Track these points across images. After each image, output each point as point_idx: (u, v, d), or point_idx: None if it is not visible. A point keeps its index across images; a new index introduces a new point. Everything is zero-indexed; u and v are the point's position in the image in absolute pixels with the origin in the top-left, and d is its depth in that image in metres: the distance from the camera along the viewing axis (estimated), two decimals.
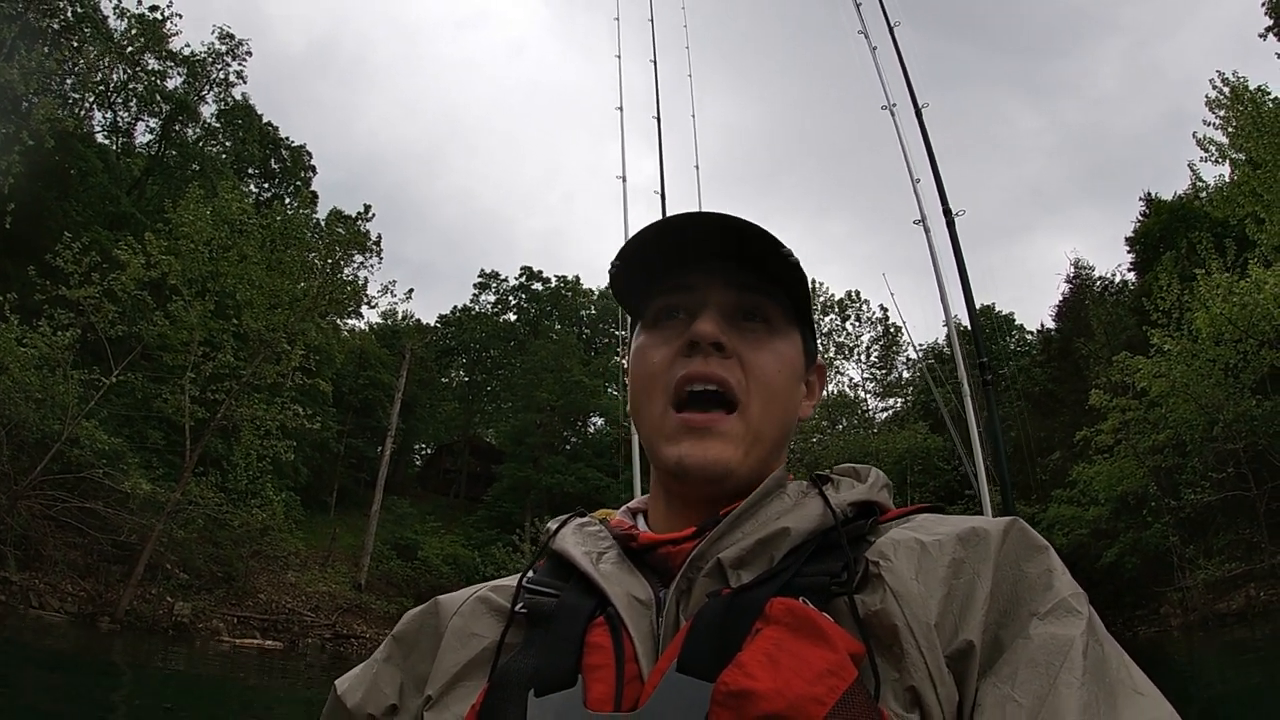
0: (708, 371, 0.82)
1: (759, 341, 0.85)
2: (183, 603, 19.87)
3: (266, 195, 33.91)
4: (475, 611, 0.84)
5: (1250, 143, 17.24)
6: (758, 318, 0.86)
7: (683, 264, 0.87)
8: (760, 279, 0.86)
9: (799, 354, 0.89)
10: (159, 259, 18.74)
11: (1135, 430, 21.11)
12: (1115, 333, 27.50)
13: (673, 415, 0.83)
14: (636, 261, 0.88)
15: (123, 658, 15.49)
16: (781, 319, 0.88)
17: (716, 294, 0.86)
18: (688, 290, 0.87)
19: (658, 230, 0.85)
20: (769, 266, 0.85)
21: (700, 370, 0.82)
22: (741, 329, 0.85)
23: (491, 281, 51.80)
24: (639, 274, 0.89)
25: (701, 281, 0.86)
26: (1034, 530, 0.74)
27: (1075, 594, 0.68)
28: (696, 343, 0.83)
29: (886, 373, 42.72)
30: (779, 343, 0.86)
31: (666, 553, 0.79)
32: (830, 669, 0.60)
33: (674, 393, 0.83)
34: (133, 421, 21.26)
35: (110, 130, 30.04)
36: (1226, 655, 16.10)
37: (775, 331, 0.87)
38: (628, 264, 0.88)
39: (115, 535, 18.48)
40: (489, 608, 0.84)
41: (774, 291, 0.87)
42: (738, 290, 0.86)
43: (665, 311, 0.88)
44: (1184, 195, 28.40)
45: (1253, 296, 15.37)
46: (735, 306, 0.86)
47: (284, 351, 20.50)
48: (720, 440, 0.81)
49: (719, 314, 0.85)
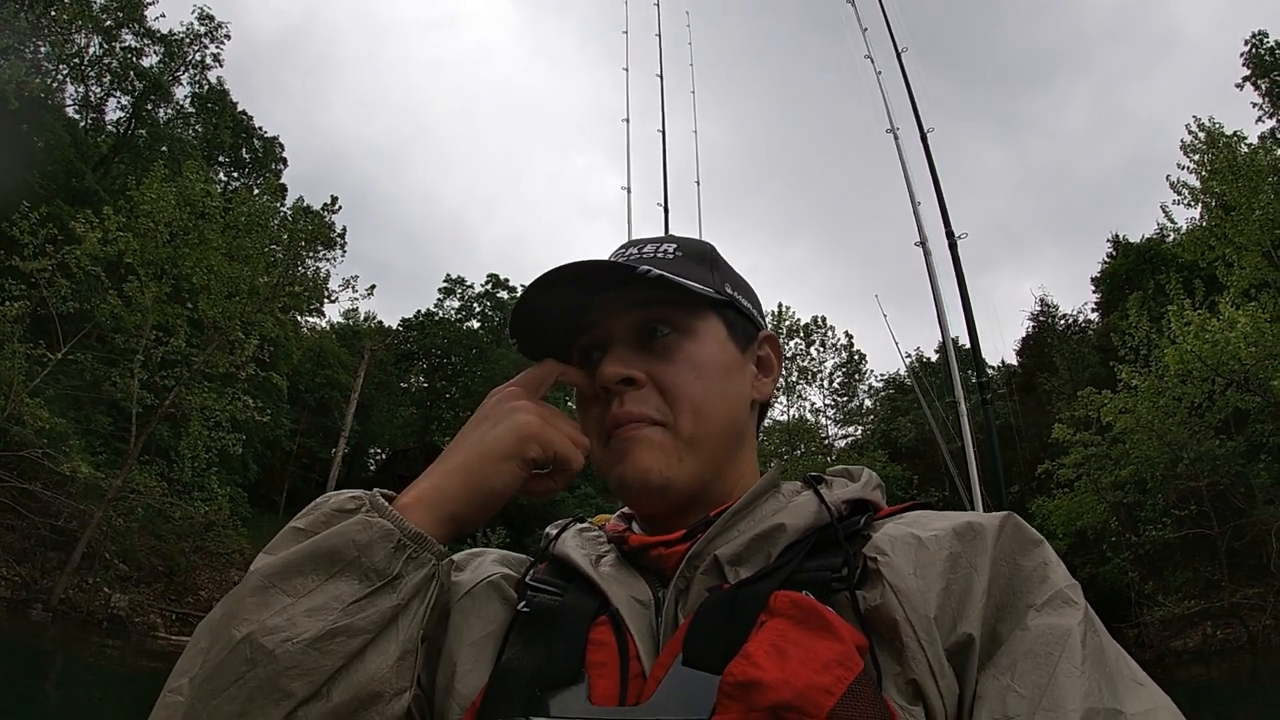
0: (623, 413, 0.83)
1: (670, 353, 0.85)
2: (120, 595, 19.20)
3: (236, 184, 33.22)
4: (486, 596, 0.84)
5: (1225, 185, 17.61)
6: (665, 326, 0.85)
7: (586, 305, 0.88)
8: (655, 288, 0.83)
9: (722, 343, 0.88)
10: (116, 235, 18.16)
11: (1096, 466, 21.29)
12: (1079, 369, 27.90)
13: (607, 448, 0.85)
14: (538, 320, 0.88)
15: (54, 647, 14.97)
16: (692, 317, 0.86)
17: (617, 324, 0.86)
18: (593, 327, 0.88)
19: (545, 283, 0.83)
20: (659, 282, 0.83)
21: (616, 414, 0.83)
22: (651, 347, 0.85)
23: (457, 287, 51.21)
24: (545, 324, 0.90)
25: (601, 316, 0.87)
26: (1028, 524, 0.74)
27: (1071, 585, 0.69)
28: (607, 388, 0.84)
29: (848, 400, 42.94)
30: (693, 345, 0.85)
31: (660, 554, 0.79)
32: (837, 659, 0.60)
33: (605, 436, 0.85)
34: (80, 404, 20.49)
35: (81, 105, 29.31)
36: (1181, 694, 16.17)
37: (687, 333, 0.86)
38: (527, 316, 0.88)
39: (54, 520, 17.81)
40: (499, 595, 0.84)
41: (674, 295, 0.85)
42: (637, 308, 0.86)
43: (584, 354, 0.89)
44: (1152, 238, 29.12)
45: (1224, 334, 15.60)
46: (638, 327, 0.86)
47: (238, 340, 19.90)
48: (647, 448, 0.82)
49: (623, 346, 0.85)
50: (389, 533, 0.70)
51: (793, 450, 36.83)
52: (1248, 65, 24.13)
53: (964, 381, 7.57)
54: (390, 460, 49.48)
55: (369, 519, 0.70)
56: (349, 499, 0.73)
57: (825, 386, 42.31)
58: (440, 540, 0.74)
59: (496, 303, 50.94)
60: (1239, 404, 18.00)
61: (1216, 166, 18.03)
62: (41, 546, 17.85)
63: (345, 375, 37.33)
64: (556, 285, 0.83)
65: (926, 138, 7.93)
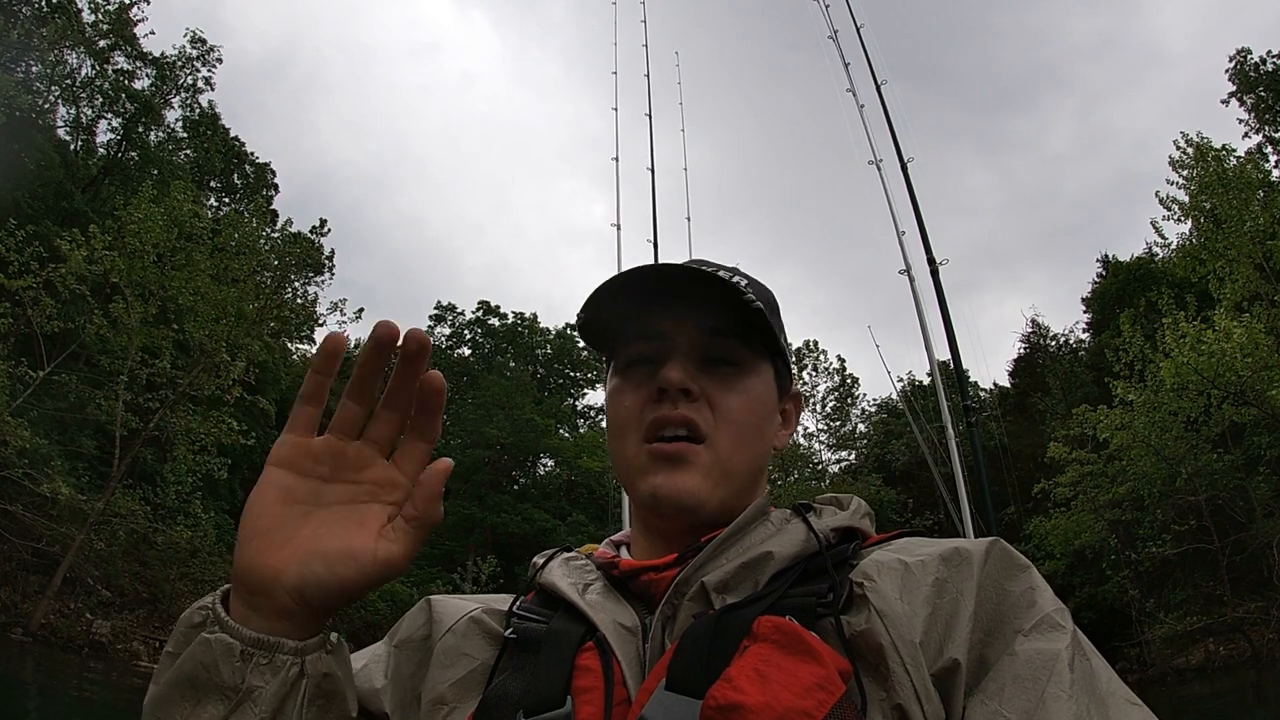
0: (675, 415, 0.84)
1: (727, 383, 0.87)
2: (102, 621, 18.75)
3: (227, 209, 33.15)
4: (468, 632, 0.84)
5: (1215, 199, 17.70)
6: (728, 361, 0.88)
7: (652, 311, 0.88)
8: (728, 322, 0.87)
9: (770, 389, 0.91)
10: (102, 255, 17.98)
11: (1093, 484, 21.17)
12: (1072, 388, 27.89)
13: (645, 448, 0.85)
14: (606, 309, 0.89)
15: (33, 673, 14.64)
16: (752, 357, 0.89)
17: (685, 340, 0.87)
18: (659, 337, 0.88)
19: (629, 280, 0.86)
20: (736, 311, 0.86)
21: (668, 414, 0.84)
22: (711, 373, 0.87)
23: (447, 314, 51.12)
24: (610, 319, 0.91)
25: (671, 329, 0.88)
26: (1015, 550, 0.74)
27: (1058, 609, 0.69)
28: (665, 389, 0.84)
29: (841, 424, 42.83)
30: (749, 381, 0.88)
31: (649, 580, 0.80)
32: (819, 683, 0.60)
33: (646, 434, 0.85)
34: (65, 426, 20.19)
35: (72, 126, 29.30)
36: (1183, 712, 15.99)
37: (745, 371, 0.88)
38: (598, 310, 0.90)
39: (35, 543, 17.43)
40: (481, 630, 0.84)
41: (744, 332, 0.88)
42: (707, 335, 0.87)
43: (637, 358, 0.90)
44: (1142, 257, 29.29)
45: (1221, 345, 15.57)
46: (704, 351, 0.87)
47: (224, 363, 19.69)
48: (690, 471, 0.83)
49: (687, 360, 0.86)
50: (229, 647, 0.64)
51: (786, 475, 36.66)
52: (1233, 81, 24.43)
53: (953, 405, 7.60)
54: None
55: (208, 636, 0.65)
56: (197, 610, 0.68)
57: (818, 411, 42.22)
58: (299, 634, 0.67)
59: (487, 330, 50.82)
60: (1235, 418, 17.92)
61: (1206, 180, 18.15)
62: (22, 569, 17.48)
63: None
64: (637, 286, 0.86)
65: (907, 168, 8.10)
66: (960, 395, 7.24)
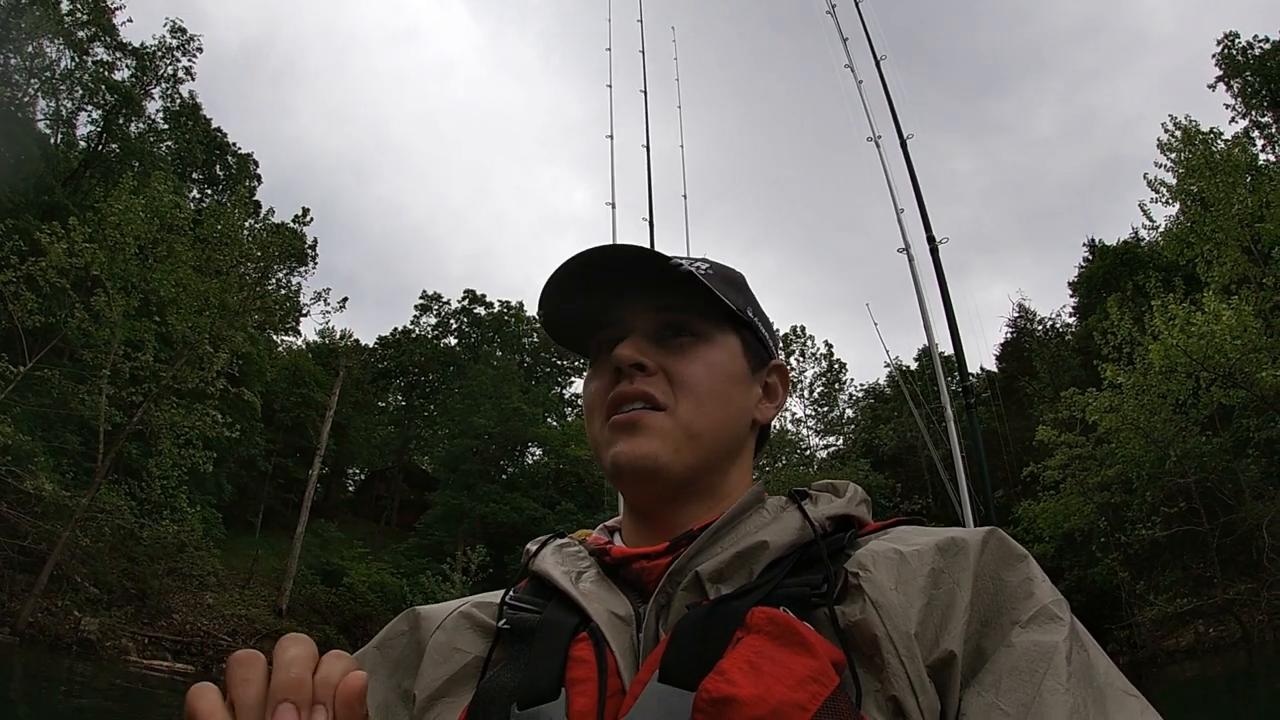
0: (632, 390, 0.84)
1: (685, 354, 0.86)
2: (90, 618, 18.63)
3: (210, 200, 32.83)
4: (458, 626, 0.84)
5: (1203, 181, 17.73)
6: (685, 332, 0.87)
7: (609, 301, 0.89)
8: (681, 296, 0.86)
9: (735, 356, 0.89)
10: (83, 247, 17.74)
11: (1082, 467, 21.26)
12: (1059, 372, 27.99)
13: (607, 425, 0.86)
14: (562, 310, 0.90)
15: (20, 673, 14.55)
16: (712, 328, 0.88)
17: (639, 320, 0.88)
18: (616, 323, 0.89)
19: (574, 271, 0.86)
20: (689, 285, 0.85)
21: (625, 389, 0.84)
22: (668, 345, 0.87)
23: (433, 304, 50.85)
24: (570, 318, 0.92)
25: (627, 314, 0.88)
26: (1013, 540, 0.73)
27: (1056, 600, 0.68)
28: (619, 367, 0.85)
29: (829, 410, 42.92)
30: (708, 350, 0.87)
31: (641, 568, 0.79)
32: (812, 675, 0.60)
33: (607, 412, 0.86)
34: (48, 421, 19.96)
35: (52, 119, 28.91)
36: (1173, 693, 16.11)
37: (704, 340, 0.87)
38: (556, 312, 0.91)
39: (20, 541, 17.24)
40: (472, 623, 0.84)
41: (699, 304, 0.87)
42: (656, 312, 0.88)
43: (600, 346, 0.91)
44: (1128, 241, 29.36)
45: (1210, 327, 15.61)
46: (658, 327, 0.88)
47: (207, 355, 19.48)
48: (646, 435, 0.82)
49: (642, 338, 0.87)
50: None
51: (774, 462, 36.74)
52: (1220, 66, 24.41)
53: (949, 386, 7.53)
54: (369, 480, 48.88)
55: None
56: None
57: (805, 396, 42.29)
58: None
59: (473, 319, 50.58)
60: (1224, 400, 18.00)
61: (1194, 163, 18.17)
62: (9, 568, 17.39)
63: (321, 394, 36.71)
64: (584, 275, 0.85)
65: (906, 144, 7.98)
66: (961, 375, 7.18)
